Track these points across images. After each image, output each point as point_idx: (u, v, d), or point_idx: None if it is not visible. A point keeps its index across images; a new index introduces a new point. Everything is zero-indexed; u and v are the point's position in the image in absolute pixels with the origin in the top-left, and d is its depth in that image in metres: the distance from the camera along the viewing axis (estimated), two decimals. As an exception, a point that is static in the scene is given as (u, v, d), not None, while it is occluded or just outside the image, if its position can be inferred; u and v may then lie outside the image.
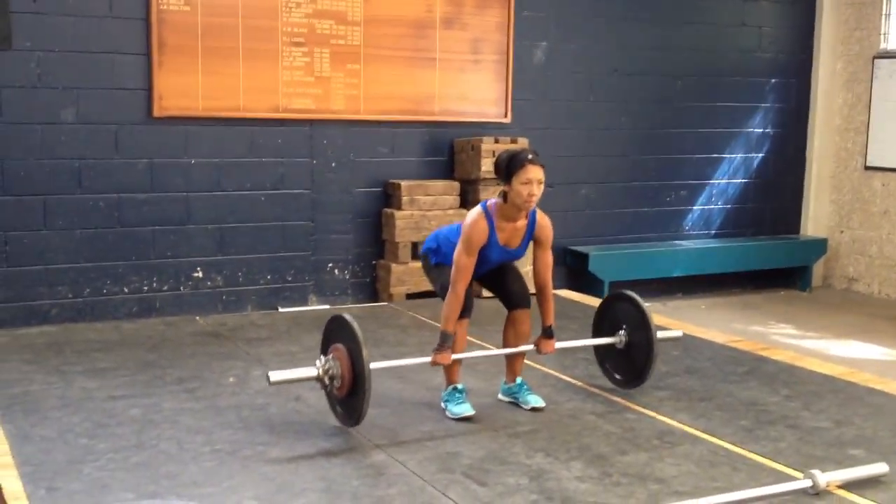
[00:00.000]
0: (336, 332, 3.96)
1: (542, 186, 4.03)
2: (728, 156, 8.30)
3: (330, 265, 6.75)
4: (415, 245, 6.78)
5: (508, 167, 4.01)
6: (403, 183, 6.73)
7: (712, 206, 8.30)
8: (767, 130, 8.45)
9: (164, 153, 6.16)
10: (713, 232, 8.33)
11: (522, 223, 4.17)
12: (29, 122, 5.79)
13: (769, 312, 7.57)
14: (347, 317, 3.88)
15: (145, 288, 6.18)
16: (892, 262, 8.18)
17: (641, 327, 4.48)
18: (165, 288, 6.24)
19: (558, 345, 4.39)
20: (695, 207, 8.22)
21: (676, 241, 8.07)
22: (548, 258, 4.23)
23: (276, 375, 3.84)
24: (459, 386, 4.25)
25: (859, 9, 8.34)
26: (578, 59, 7.53)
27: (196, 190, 6.27)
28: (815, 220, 8.69)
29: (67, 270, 5.96)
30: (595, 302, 6.89)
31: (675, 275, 7.87)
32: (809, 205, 8.69)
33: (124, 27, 5.96)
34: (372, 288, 6.90)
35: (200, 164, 6.28)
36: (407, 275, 6.70)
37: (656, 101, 7.93)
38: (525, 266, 4.50)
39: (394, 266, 6.67)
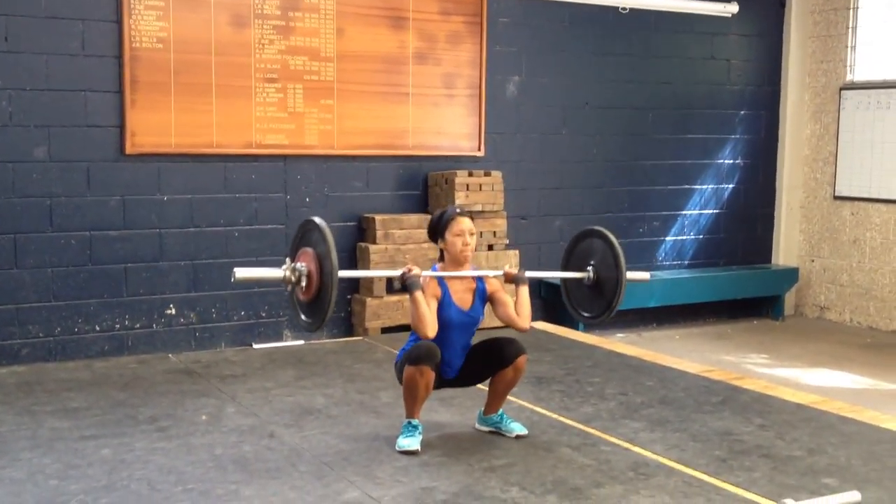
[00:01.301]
0: (306, 237, 3.98)
1: (475, 238, 4.24)
2: (699, 187, 8.39)
3: (304, 300, 6.72)
4: (389, 279, 6.79)
5: (440, 224, 4.23)
6: (378, 217, 6.75)
7: (685, 237, 8.37)
8: (738, 161, 8.56)
9: (136, 190, 6.15)
10: (686, 262, 8.40)
11: (471, 285, 4.27)
12: (0, 160, 5.76)
13: (742, 342, 7.62)
14: (318, 220, 3.91)
15: (117, 326, 6.13)
16: (862, 291, 8.27)
17: (610, 264, 4.47)
18: (138, 325, 6.19)
19: (528, 273, 4.37)
20: (667, 238, 8.29)
21: (650, 272, 8.10)
22: (509, 300, 4.27)
23: (241, 273, 3.85)
24: (414, 421, 4.23)
25: (825, 42, 8.50)
26: (550, 92, 7.61)
27: (169, 226, 6.25)
28: (786, 249, 8.79)
29: (39, 309, 5.91)
30: (571, 334, 6.93)
31: (649, 305, 7.91)
32: (780, 234, 8.78)
33: (97, 65, 5.97)
34: (347, 322, 6.88)
35: (173, 200, 6.27)
36: (382, 309, 6.69)
37: (628, 133, 8.02)
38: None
39: (369, 300, 6.67)
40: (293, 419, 4.67)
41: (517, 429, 4.39)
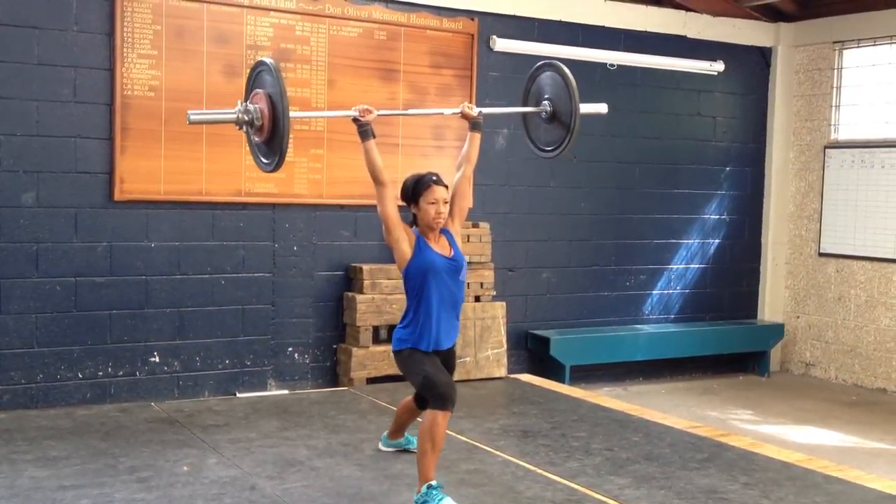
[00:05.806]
0: (259, 79, 4.19)
1: (448, 206, 4.29)
2: (686, 241, 8.44)
3: (290, 349, 6.70)
4: (376, 329, 6.77)
5: (415, 189, 4.28)
6: (365, 266, 6.75)
7: (671, 291, 8.40)
8: (723, 217, 8.62)
9: (123, 236, 6.14)
10: (672, 316, 8.41)
11: (443, 239, 4.32)
12: (-13, 204, 5.76)
13: (728, 397, 7.61)
14: (269, 61, 4.14)
15: (100, 373, 6.08)
16: (847, 348, 8.29)
17: (565, 97, 4.77)
18: (121, 373, 6.14)
19: (484, 110, 4.69)
20: (654, 292, 8.31)
21: (636, 326, 8.13)
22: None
23: (195, 115, 4.13)
24: (434, 483, 4.04)
25: (810, 101, 8.63)
26: (538, 146, 7.66)
27: (155, 273, 6.23)
28: (772, 305, 8.82)
29: (21, 355, 5.85)
30: (557, 387, 6.91)
31: (636, 359, 7.91)
32: (766, 290, 8.82)
33: (88, 112, 5.99)
34: (332, 372, 6.85)
35: (161, 247, 6.26)
36: (368, 359, 6.66)
37: (615, 187, 8.08)
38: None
39: (355, 350, 6.64)
40: (276, 471, 4.62)
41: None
